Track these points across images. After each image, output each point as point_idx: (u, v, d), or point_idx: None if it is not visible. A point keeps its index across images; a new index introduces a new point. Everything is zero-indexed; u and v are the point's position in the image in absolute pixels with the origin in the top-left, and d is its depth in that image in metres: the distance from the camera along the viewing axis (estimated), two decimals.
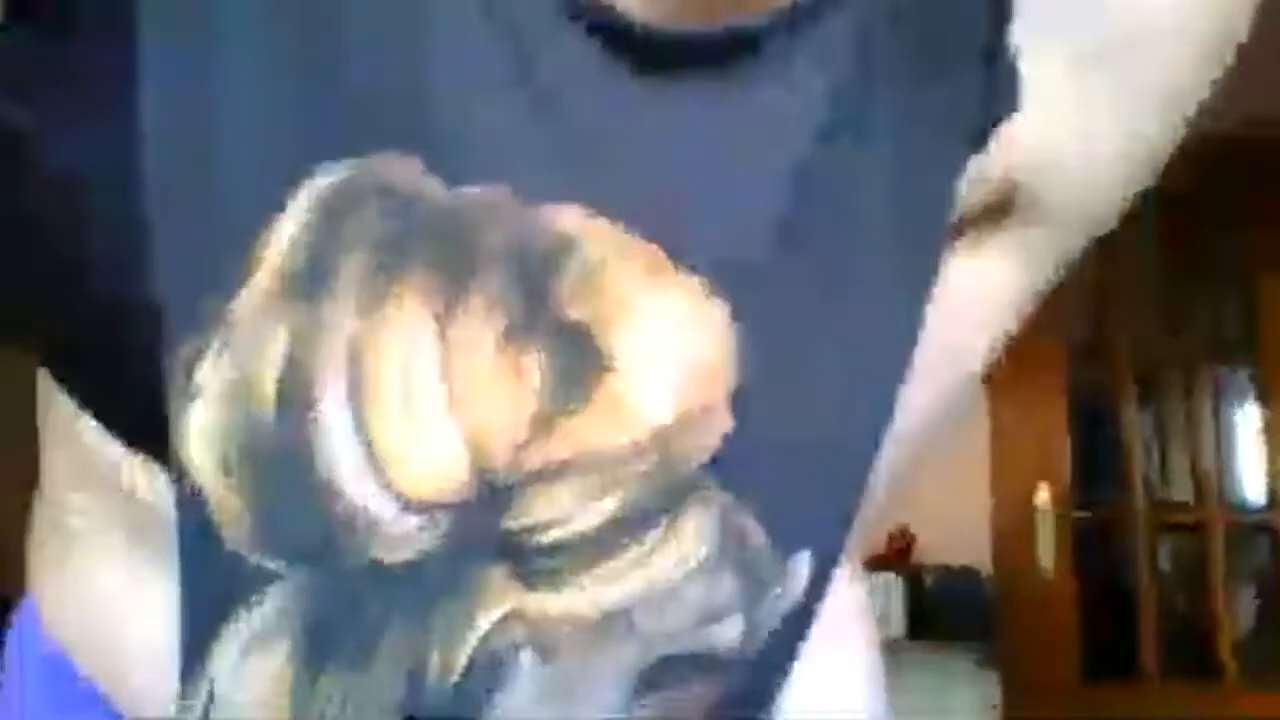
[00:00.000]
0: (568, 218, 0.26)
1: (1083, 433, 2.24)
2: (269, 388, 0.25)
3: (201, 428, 0.25)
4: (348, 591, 0.26)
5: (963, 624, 2.13)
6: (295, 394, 0.25)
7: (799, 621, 0.32)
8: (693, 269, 0.27)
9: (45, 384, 0.34)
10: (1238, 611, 2.22)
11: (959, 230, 0.32)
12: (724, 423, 0.27)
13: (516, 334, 0.26)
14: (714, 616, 0.29)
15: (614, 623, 0.28)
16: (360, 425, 0.25)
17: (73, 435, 0.32)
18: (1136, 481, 2.27)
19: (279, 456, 0.25)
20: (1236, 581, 2.22)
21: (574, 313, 0.26)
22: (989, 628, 2.14)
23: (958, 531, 2.24)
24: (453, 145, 0.26)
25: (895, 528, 2.27)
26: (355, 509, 0.25)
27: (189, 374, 0.25)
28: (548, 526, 0.27)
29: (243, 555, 0.26)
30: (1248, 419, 2.28)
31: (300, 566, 0.26)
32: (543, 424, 0.26)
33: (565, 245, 0.26)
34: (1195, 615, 2.25)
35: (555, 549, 0.27)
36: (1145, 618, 2.21)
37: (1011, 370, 2.16)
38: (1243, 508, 2.25)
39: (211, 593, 0.26)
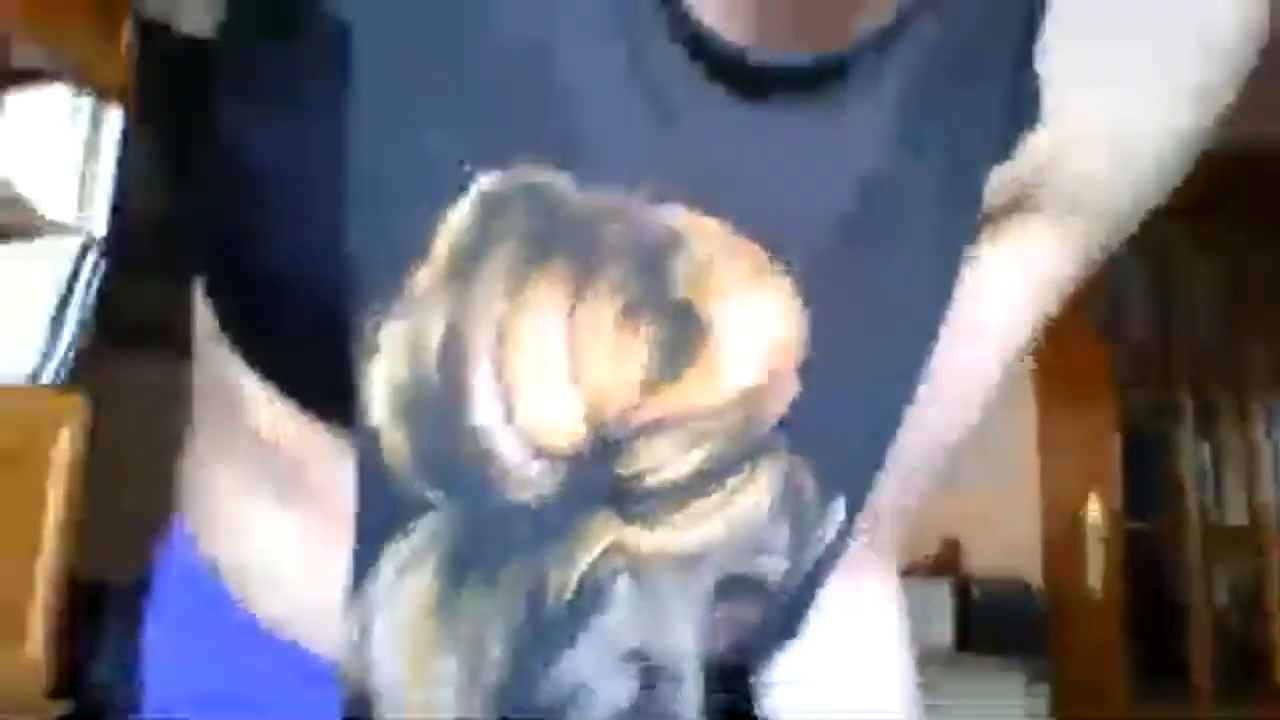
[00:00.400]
0: (678, 217, 0.32)
1: (1134, 443, 2.25)
2: (433, 350, 0.31)
3: (381, 377, 0.31)
4: (483, 524, 0.32)
5: (1011, 636, 2.13)
6: (453, 358, 0.31)
7: (825, 566, 0.37)
8: (788, 266, 0.32)
9: (204, 321, 0.39)
10: None
11: (989, 221, 0.37)
12: (792, 390, 0.33)
13: (633, 310, 0.32)
14: (769, 550, 0.34)
15: (693, 559, 0.33)
16: (502, 387, 0.31)
17: (221, 370, 0.38)
18: (1189, 494, 2.27)
19: (439, 407, 0.31)
20: None
21: (682, 295, 0.32)
22: (1038, 640, 2.14)
23: (1007, 543, 2.25)
24: (588, 154, 0.31)
25: (943, 539, 2.28)
26: (495, 454, 0.31)
27: (373, 332, 0.31)
28: (649, 473, 0.32)
29: (406, 486, 0.31)
30: None
31: (452, 499, 0.32)
32: (650, 388, 0.32)
33: (676, 240, 0.32)
34: (1250, 636, 2.23)
35: (653, 492, 0.33)
36: (1197, 636, 2.21)
37: (1060, 382, 2.17)
38: None
39: (379, 517, 0.32)
